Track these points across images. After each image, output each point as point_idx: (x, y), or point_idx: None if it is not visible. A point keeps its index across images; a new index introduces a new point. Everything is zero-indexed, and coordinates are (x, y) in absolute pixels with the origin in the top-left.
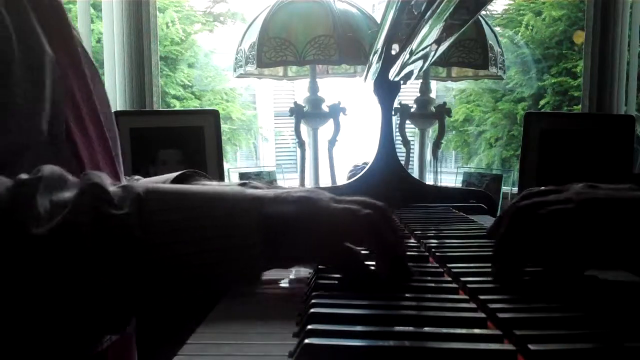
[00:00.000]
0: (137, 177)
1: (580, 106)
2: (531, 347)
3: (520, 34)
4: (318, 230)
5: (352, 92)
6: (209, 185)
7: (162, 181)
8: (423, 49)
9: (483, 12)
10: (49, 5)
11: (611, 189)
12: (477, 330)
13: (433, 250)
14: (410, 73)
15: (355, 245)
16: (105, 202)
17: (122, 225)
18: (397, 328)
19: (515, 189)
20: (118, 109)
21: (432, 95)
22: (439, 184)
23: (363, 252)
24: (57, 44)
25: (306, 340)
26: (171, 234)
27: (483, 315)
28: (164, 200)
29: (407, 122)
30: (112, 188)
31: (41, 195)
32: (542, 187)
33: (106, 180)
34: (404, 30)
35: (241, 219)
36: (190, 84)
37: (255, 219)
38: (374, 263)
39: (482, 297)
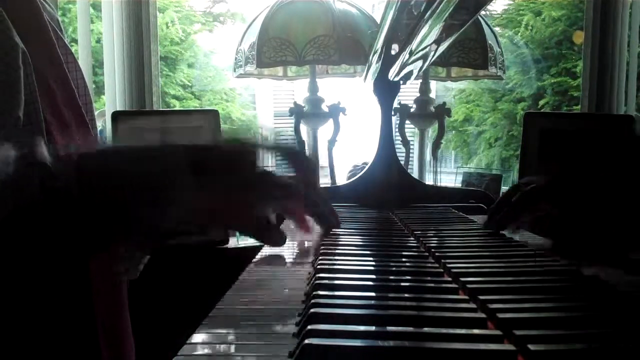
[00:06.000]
0: None
1: (580, 106)
2: (531, 347)
3: (520, 34)
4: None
5: (352, 92)
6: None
7: None
8: (423, 49)
9: (483, 12)
10: None
11: None
12: (476, 331)
13: (433, 250)
14: (410, 73)
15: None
16: (51, 177)
17: (67, 193)
18: (397, 328)
19: None
20: (118, 109)
21: (432, 95)
22: (439, 184)
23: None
24: (28, 35)
25: (306, 341)
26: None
27: (483, 315)
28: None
29: (407, 122)
30: (52, 161)
31: None
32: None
33: (46, 153)
34: (403, 30)
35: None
36: (190, 84)
37: (183, 164)
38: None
39: (482, 297)
